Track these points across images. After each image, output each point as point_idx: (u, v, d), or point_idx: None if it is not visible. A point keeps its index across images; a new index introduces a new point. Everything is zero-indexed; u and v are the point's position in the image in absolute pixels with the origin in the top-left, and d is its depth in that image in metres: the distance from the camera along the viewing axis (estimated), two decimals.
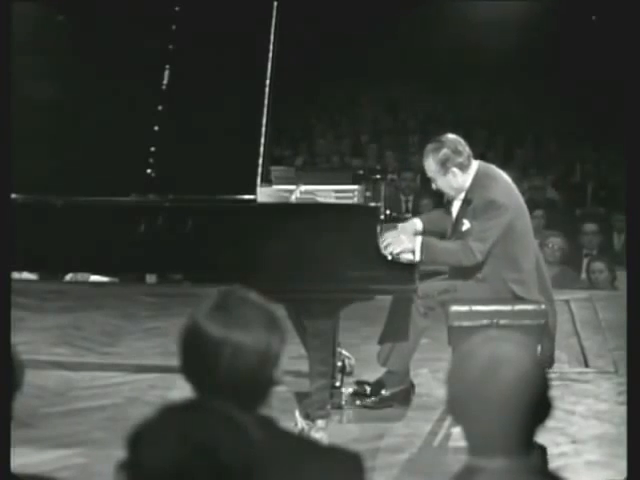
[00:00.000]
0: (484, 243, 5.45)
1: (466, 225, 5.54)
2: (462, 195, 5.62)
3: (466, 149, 5.57)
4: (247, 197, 5.16)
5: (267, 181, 5.75)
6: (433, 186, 5.69)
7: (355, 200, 5.89)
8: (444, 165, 5.52)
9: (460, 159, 5.53)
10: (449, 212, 5.79)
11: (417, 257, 5.37)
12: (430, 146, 5.60)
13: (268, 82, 5.39)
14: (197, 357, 2.34)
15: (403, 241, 5.40)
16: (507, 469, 2.21)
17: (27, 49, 5.49)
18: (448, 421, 5.44)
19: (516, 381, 2.19)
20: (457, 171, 5.53)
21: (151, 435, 1.91)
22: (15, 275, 7.31)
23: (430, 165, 5.57)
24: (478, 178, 5.57)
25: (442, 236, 5.76)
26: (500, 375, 2.19)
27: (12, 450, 2.62)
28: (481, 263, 5.52)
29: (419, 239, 5.46)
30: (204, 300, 2.38)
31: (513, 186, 5.66)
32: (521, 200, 5.66)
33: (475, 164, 5.60)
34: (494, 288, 5.57)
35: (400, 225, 5.78)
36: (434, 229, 5.78)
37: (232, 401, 2.19)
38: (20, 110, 4.86)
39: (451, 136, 5.62)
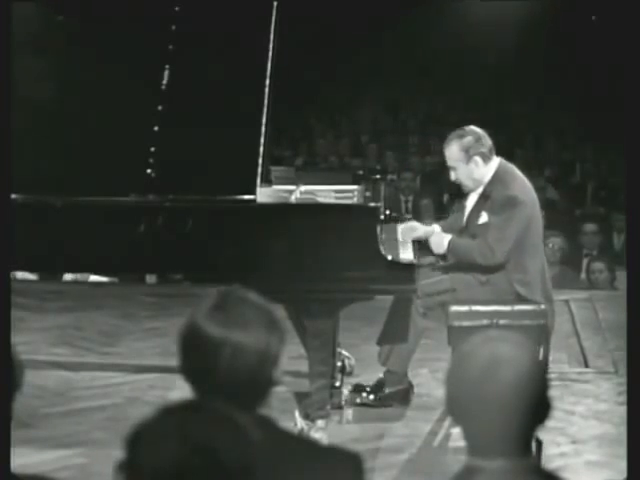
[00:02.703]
0: (505, 243, 5.45)
1: (483, 218, 5.54)
2: (480, 189, 5.61)
3: (488, 142, 5.58)
4: (247, 197, 5.16)
5: (267, 181, 5.75)
6: (452, 176, 5.66)
7: (355, 200, 5.89)
8: (467, 152, 5.52)
9: (483, 149, 5.54)
10: (462, 206, 5.78)
11: (442, 252, 5.50)
12: (454, 133, 5.61)
13: (268, 82, 5.39)
14: (196, 357, 2.34)
15: (436, 243, 5.57)
16: (507, 469, 2.20)
17: (27, 49, 5.48)
18: (448, 421, 5.44)
19: (515, 382, 2.18)
20: (479, 160, 5.53)
21: (150, 436, 1.90)
22: (15, 275, 7.31)
23: (453, 152, 5.57)
24: (498, 174, 5.57)
25: None
26: (499, 376, 2.19)
27: (12, 450, 2.62)
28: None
29: (447, 238, 5.54)
30: (203, 300, 2.38)
31: (531, 186, 5.65)
32: (537, 202, 5.66)
33: (496, 160, 5.60)
34: (497, 291, 5.56)
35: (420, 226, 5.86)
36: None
37: (232, 401, 2.19)
38: (20, 110, 4.86)
39: (475, 127, 5.64)
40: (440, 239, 5.62)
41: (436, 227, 5.82)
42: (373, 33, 16.05)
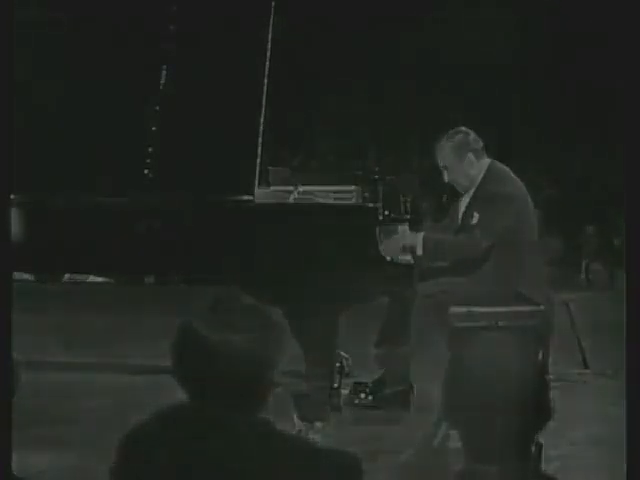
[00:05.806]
0: (489, 229, 5.45)
1: (476, 218, 5.54)
2: (472, 191, 5.61)
3: (479, 140, 5.61)
4: (245, 197, 5.16)
5: (266, 182, 5.75)
6: (445, 177, 5.66)
7: (353, 201, 5.89)
8: (460, 149, 5.54)
9: (475, 145, 5.57)
10: (455, 208, 5.78)
11: (419, 251, 5.41)
12: (445, 136, 5.62)
13: (267, 82, 5.39)
14: (193, 361, 2.34)
15: (403, 239, 5.45)
16: (505, 474, 2.20)
17: (27, 49, 5.48)
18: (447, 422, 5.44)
19: (514, 387, 2.18)
20: (472, 157, 5.54)
21: (145, 439, 1.90)
22: (14, 275, 7.31)
23: (446, 152, 5.58)
24: (490, 174, 5.59)
25: None
26: (498, 381, 2.18)
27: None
28: (486, 259, 5.50)
29: (420, 234, 5.49)
30: (199, 303, 2.37)
31: (522, 185, 5.66)
32: (529, 201, 5.66)
33: (487, 160, 5.62)
34: (496, 292, 5.54)
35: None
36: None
37: (229, 404, 2.19)
38: (20, 110, 4.86)
39: (464, 127, 5.66)
40: (413, 235, 5.58)
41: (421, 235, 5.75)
42: (373, 33, 16.06)
